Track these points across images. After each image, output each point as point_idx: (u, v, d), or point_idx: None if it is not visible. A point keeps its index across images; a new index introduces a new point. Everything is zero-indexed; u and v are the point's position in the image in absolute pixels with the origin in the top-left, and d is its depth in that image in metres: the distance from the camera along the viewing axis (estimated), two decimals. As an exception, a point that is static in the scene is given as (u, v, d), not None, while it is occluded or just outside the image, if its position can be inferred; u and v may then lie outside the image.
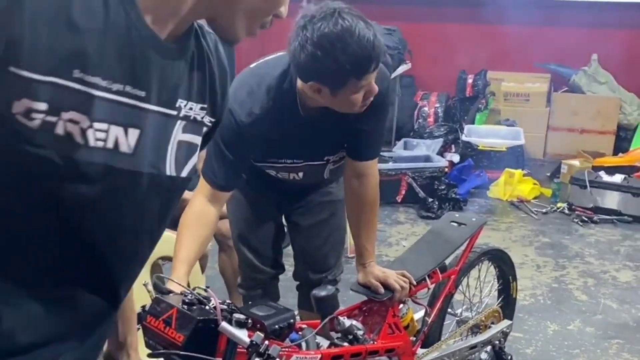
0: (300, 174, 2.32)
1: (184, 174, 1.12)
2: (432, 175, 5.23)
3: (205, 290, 1.76)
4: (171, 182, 1.09)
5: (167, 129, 1.06)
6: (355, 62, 1.84)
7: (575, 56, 6.54)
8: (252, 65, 2.19)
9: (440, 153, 5.84)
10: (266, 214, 2.62)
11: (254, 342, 1.67)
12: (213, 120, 1.17)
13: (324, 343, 2.13)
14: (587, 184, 5.05)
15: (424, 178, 5.22)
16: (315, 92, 1.94)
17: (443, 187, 5.17)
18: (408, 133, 6.54)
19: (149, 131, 1.02)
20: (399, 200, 5.25)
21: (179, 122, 1.08)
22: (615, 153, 6.15)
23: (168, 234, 2.63)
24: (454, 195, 5.16)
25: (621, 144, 6.25)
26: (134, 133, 0.99)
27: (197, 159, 1.15)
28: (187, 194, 2.98)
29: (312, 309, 2.15)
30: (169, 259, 2.56)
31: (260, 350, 1.67)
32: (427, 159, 5.49)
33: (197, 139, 1.13)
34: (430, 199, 5.08)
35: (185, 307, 1.72)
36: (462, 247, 2.57)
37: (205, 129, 1.15)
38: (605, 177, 5.11)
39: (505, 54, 6.76)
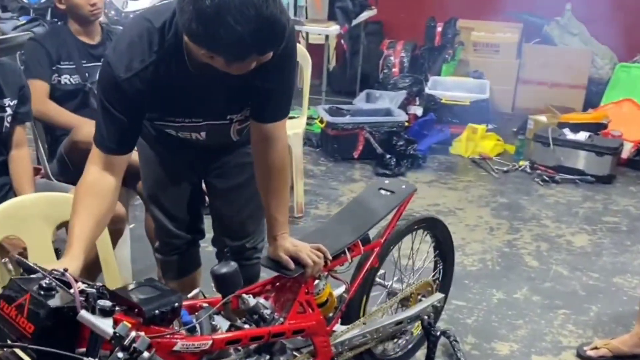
0: (203, 134, 2.13)
1: None
2: (391, 130, 5.01)
3: (63, 274, 1.56)
4: None
5: None
6: (259, 39, 1.63)
7: (549, 5, 6.26)
8: (140, 13, 1.95)
9: (404, 106, 5.60)
10: (178, 174, 2.41)
11: (117, 334, 1.48)
12: None
13: (224, 325, 1.95)
14: (550, 141, 4.85)
15: (382, 133, 4.99)
16: (207, 57, 1.71)
17: (402, 143, 4.95)
18: (374, 84, 6.28)
19: None
20: (356, 157, 5.03)
21: None
22: (585, 109, 5.94)
23: (71, 197, 2.42)
24: (412, 152, 4.94)
25: (592, 98, 6.03)
26: None
27: None
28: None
29: None
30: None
31: (125, 343, 1.47)
32: (387, 112, 5.25)
33: None
34: (388, 156, 4.87)
35: (42, 292, 1.52)
36: (390, 217, 2.38)
37: None
38: (570, 135, 4.91)
39: (476, 1, 6.46)
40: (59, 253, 2.35)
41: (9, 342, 1.50)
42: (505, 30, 6.33)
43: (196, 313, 1.88)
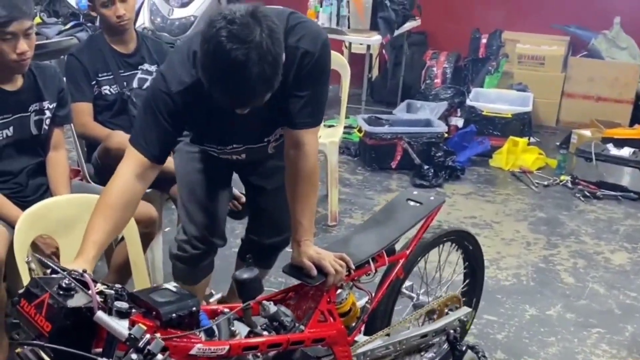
0: (243, 155, 2.27)
1: None
2: (430, 141, 4.97)
3: (82, 274, 1.59)
4: None
5: None
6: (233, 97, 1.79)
7: (597, 18, 6.14)
8: (194, 33, 2.08)
9: (445, 117, 5.56)
10: (214, 181, 2.47)
11: (132, 336, 1.49)
12: None
13: (244, 330, 1.96)
14: (593, 156, 4.75)
15: (420, 144, 4.96)
16: None
17: (440, 154, 4.91)
18: (415, 94, 6.25)
19: None
20: (393, 167, 5.01)
21: None
22: (631, 124, 5.80)
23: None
24: (451, 163, 4.90)
25: (639, 114, 5.89)
26: None
27: None
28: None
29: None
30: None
31: (140, 345, 1.49)
32: (427, 123, 5.21)
33: None
34: (426, 166, 4.83)
35: (61, 292, 1.55)
36: (416, 229, 2.36)
37: None
38: (613, 150, 4.80)
39: (522, 14, 6.39)
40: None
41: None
42: (551, 43, 6.24)
43: (215, 318, 1.89)
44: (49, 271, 1.69)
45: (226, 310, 1.94)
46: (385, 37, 5.25)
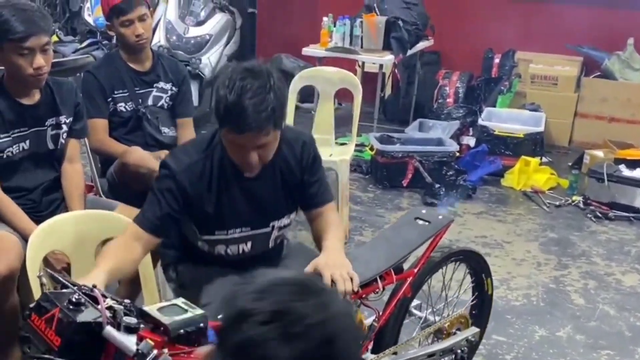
0: (249, 244, 2.27)
1: None
2: (441, 160, 4.99)
3: (92, 290, 1.61)
4: None
5: None
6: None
7: (610, 39, 6.15)
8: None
9: (457, 136, 5.57)
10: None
11: (140, 351, 1.52)
12: None
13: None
14: (605, 177, 4.74)
15: (432, 162, 4.97)
16: (231, 142, 2.04)
17: (452, 173, 4.93)
18: (428, 113, 6.27)
19: None
20: (405, 185, 5.02)
21: None
22: (645, 145, 5.78)
23: (115, 215, 2.50)
24: (462, 183, 4.91)
25: (652, 135, 5.88)
26: None
27: None
28: (157, 166, 2.85)
29: None
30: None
31: (147, 360, 1.51)
32: (439, 142, 5.23)
33: None
34: (437, 185, 4.85)
35: (71, 307, 1.58)
36: (424, 247, 2.37)
37: None
38: (626, 171, 4.79)
39: (535, 34, 6.40)
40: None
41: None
42: (564, 64, 6.24)
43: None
44: (59, 286, 1.72)
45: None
46: (397, 57, 5.28)
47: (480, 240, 4.24)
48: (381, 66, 5.37)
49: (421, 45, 5.79)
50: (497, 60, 6.41)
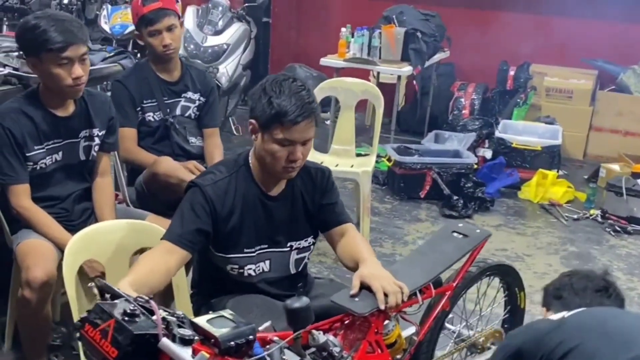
0: (267, 263, 2.29)
1: None
2: (460, 172, 4.99)
3: (148, 301, 1.61)
4: None
5: None
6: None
7: (625, 53, 6.17)
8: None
9: (473, 148, 5.58)
10: None
11: (196, 364, 1.51)
12: None
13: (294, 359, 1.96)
14: (624, 191, 4.74)
15: (450, 174, 4.97)
16: (273, 141, 2.10)
17: (470, 185, 4.92)
18: (443, 124, 6.28)
19: None
20: (422, 196, 5.02)
21: None
22: (660, 159, 5.78)
23: (149, 225, 2.49)
24: (480, 195, 4.91)
25: (667, 149, 5.88)
26: None
27: None
28: (187, 177, 2.86)
29: None
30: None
31: (203, 373, 1.51)
32: (456, 154, 5.24)
33: None
34: (455, 197, 4.84)
35: (126, 318, 1.57)
36: (462, 261, 2.37)
37: None
38: (643, 186, 4.80)
39: (550, 47, 6.42)
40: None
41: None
42: (579, 77, 6.26)
43: (267, 346, 1.90)
44: (108, 296, 1.72)
45: (275, 338, 1.95)
46: (416, 69, 5.29)
47: (501, 253, 4.23)
48: (399, 77, 5.38)
49: (437, 57, 5.80)
50: (512, 73, 6.43)
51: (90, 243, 2.34)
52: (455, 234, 2.40)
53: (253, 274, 2.29)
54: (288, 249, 2.31)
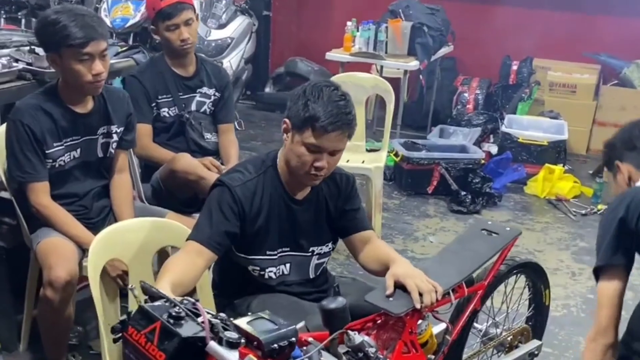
0: (288, 266, 2.27)
1: None
2: (467, 167, 4.96)
3: (194, 304, 1.57)
4: None
5: None
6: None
7: (628, 48, 6.15)
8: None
9: (478, 143, 5.56)
10: None
11: (245, 367, 1.48)
12: None
13: (331, 361, 1.93)
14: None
15: (458, 169, 4.95)
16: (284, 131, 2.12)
17: (478, 181, 4.90)
18: (446, 119, 6.25)
19: None
20: (430, 192, 4.99)
21: None
22: (664, 153, 5.78)
23: (172, 223, 2.45)
24: (488, 190, 4.88)
25: (671, 144, 5.87)
26: None
27: None
28: (206, 174, 2.82)
29: None
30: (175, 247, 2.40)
31: (252, 376, 1.47)
32: (462, 149, 5.21)
33: None
34: (463, 193, 4.82)
35: (171, 321, 1.53)
36: (492, 260, 2.34)
37: None
38: (652, 181, 4.78)
39: (553, 42, 6.40)
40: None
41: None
42: (582, 72, 6.25)
43: (304, 347, 1.87)
44: (145, 298, 1.68)
45: (311, 339, 1.92)
46: (422, 63, 5.26)
47: (513, 249, 4.19)
48: (405, 72, 5.34)
49: (442, 51, 5.77)
50: (514, 67, 6.41)
51: (114, 242, 2.29)
52: (485, 232, 2.38)
53: (274, 276, 2.26)
54: (310, 254, 2.29)
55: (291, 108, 2.09)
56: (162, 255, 2.46)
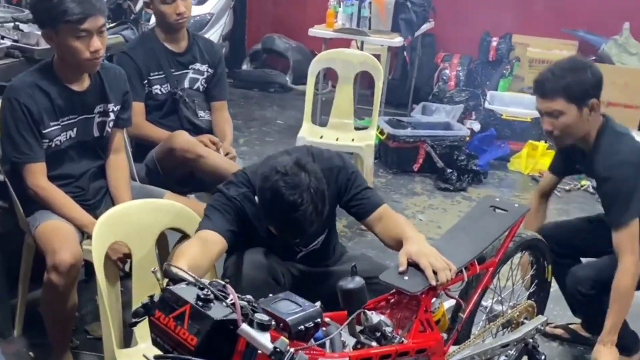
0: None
1: None
2: (452, 145, 4.96)
3: (224, 286, 1.53)
4: None
5: None
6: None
7: (606, 24, 6.18)
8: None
9: (460, 120, 5.56)
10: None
11: (278, 349, 1.45)
12: None
13: (350, 340, 1.91)
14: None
15: (443, 147, 4.94)
16: None
17: (463, 158, 4.90)
18: (426, 96, 6.23)
19: None
20: (416, 170, 4.98)
21: None
22: (641, 129, 5.86)
23: (175, 204, 2.40)
24: (474, 167, 4.90)
25: (648, 119, 5.96)
26: None
27: None
28: (205, 152, 2.76)
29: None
30: (176, 230, 2.35)
31: (285, 359, 1.44)
32: (446, 126, 5.21)
33: None
34: (449, 170, 4.82)
35: (200, 303, 1.49)
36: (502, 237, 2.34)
37: None
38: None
39: (532, 18, 6.41)
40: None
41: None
42: (561, 48, 6.26)
43: (323, 328, 1.84)
44: (166, 281, 1.63)
45: (328, 319, 1.90)
46: (406, 39, 5.22)
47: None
48: (389, 48, 5.30)
49: (425, 27, 5.74)
50: (494, 44, 6.40)
51: (117, 225, 2.24)
52: (494, 209, 2.37)
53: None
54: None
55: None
56: (159, 239, 2.40)
